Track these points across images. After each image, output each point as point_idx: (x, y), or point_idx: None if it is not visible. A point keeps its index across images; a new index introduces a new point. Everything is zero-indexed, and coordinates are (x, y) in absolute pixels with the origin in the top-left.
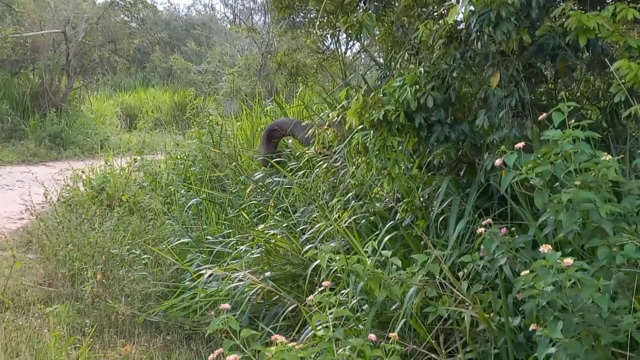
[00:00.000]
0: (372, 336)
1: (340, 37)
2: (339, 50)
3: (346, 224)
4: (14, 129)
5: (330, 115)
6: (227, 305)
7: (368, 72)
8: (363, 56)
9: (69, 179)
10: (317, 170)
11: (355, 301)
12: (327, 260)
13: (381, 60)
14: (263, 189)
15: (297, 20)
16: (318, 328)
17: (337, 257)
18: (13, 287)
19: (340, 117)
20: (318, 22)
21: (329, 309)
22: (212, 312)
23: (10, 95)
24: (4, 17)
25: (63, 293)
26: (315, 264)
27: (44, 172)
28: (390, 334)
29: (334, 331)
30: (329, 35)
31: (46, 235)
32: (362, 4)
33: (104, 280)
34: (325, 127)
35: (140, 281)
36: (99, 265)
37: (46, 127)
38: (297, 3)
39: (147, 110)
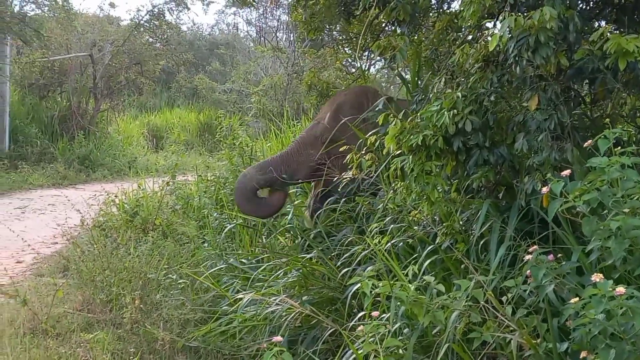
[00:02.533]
0: None
1: (365, 56)
2: (368, 70)
3: (385, 248)
4: (43, 152)
5: (368, 140)
6: (279, 338)
7: (391, 87)
8: (385, 72)
9: (102, 203)
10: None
11: (397, 326)
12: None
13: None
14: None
15: (323, 39)
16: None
17: (380, 284)
18: (53, 314)
19: (377, 142)
20: (348, 44)
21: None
22: (263, 343)
23: (38, 119)
24: (32, 41)
25: (102, 319)
26: (354, 288)
27: (74, 195)
28: None
29: None
30: (358, 56)
31: (82, 260)
32: (392, 27)
33: (141, 306)
34: (363, 152)
35: (178, 306)
36: (136, 290)
37: (75, 149)
38: (326, 25)
39: (178, 133)
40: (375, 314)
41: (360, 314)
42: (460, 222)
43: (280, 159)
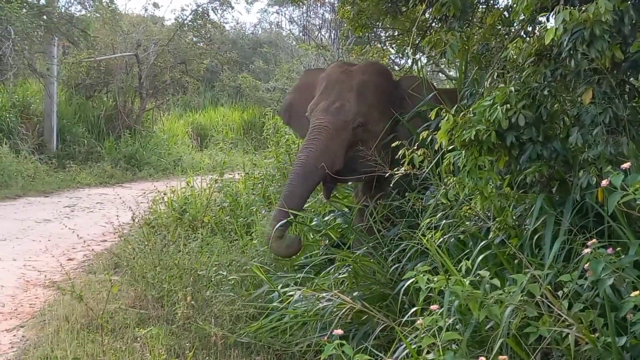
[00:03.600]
0: (482, 359)
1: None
2: (415, 66)
3: (436, 244)
4: (90, 151)
5: (421, 136)
6: (339, 331)
7: (435, 84)
8: (428, 68)
9: (151, 200)
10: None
11: (450, 321)
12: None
13: (450, 73)
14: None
15: (369, 36)
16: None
17: (436, 278)
18: (107, 310)
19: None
20: (394, 40)
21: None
22: (326, 337)
23: (85, 119)
24: (79, 42)
25: (154, 315)
26: (407, 283)
27: (121, 194)
28: (500, 357)
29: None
30: (412, 52)
31: (133, 257)
32: (439, 22)
33: (193, 302)
34: (415, 147)
35: (228, 303)
36: (187, 287)
37: (121, 148)
38: (373, 22)
39: (226, 131)
40: (434, 307)
41: (413, 309)
42: (514, 217)
43: (319, 152)
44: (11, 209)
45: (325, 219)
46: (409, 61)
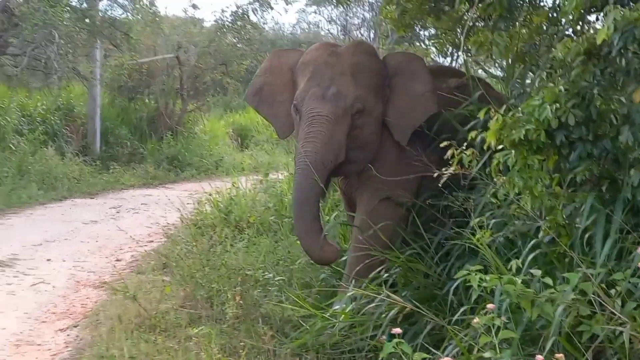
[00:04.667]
0: (540, 357)
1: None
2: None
3: (482, 243)
4: (133, 152)
5: (470, 136)
6: (398, 330)
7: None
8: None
9: (196, 201)
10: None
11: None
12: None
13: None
14: None
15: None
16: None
17: (488, 277)
18: (159, 310)
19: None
20: (436, 40)
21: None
22: (382, 336)
23: (128, 120)
24: (122, 45)
25: (204, 315)
26: (456, 283)
27: (165, 195)
28: (557, 355)
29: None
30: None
31: (181, 258)
32: (482, 22)
33: (241, 302)
34: (464, 147)
35: (276, 303)
36: (236, 287)
37: (163, 150)
38: (415, 22)
39: (270, 132)
40: (491, 306)
41: (463, 308)
42: (564, 216)
43: (324, 146)
44: (58, 210)
45: None
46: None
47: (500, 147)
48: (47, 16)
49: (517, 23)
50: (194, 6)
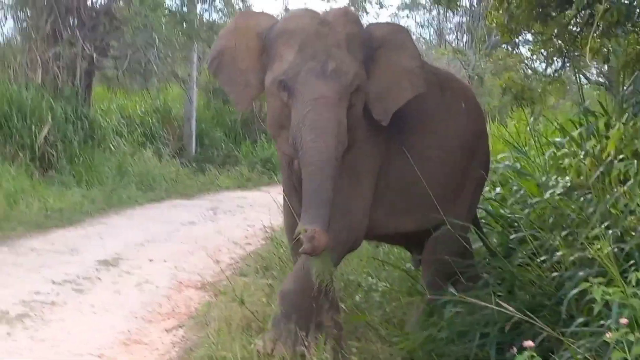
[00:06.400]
0: None
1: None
2: (575, 73)
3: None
4: (227, 155)
5: (589, 145)
6: (530, 343)
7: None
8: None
9: None
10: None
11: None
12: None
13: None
14: None
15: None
16: None
17: (611, 290)
18: (265, 313)
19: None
20: (541, 45)
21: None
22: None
23: (223, 123)
24: None
25: None
26: (572, 293)
27: (260, 197)
28: None
29: None
30: (557, 58)
31: (283, 261)
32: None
33: (344, 306)
34: (582, 156)
35: (377, 309)
36: (340, 291)
37: (257, 152)
38: (522, 28)
39: None
40: (624, 321)
41: (578, 320)
42: None
43: (335, 135)
44: (157, 211)
45: None
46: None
47: (620, 157)
48: (148, 20)
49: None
50: (287, 10)
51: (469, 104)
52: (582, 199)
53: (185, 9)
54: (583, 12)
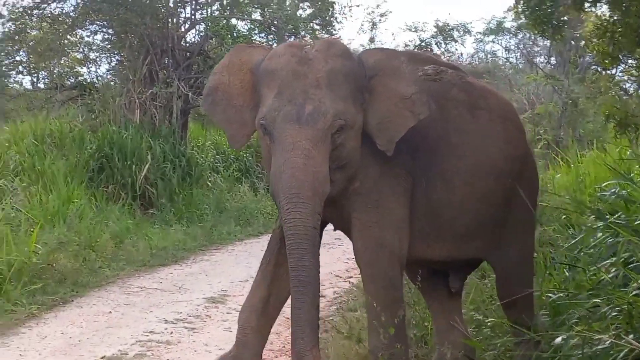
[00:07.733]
0: None
1: None
2: None
3: None
4: None
5: None
6: None
7: None
8: None
9: None
10: None
11: None
12: None
13: None
14: None
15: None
16: None
17: None
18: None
19: None
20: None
21: None
22: None
23: None
24: None
25: (420, 354)
26: None
27: None
28: None
29: None
30: None
31: None
32: None
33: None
34: None
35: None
36: None
37: None
38: (625, 54)
39: None
40: None
41: None
42: None
43: (313, 184)
44: (257, 246)
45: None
46: None
47: None
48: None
49: None
50: (372, 39)
51: (506, 125)
52: None
53: (275, 45)
54: None
